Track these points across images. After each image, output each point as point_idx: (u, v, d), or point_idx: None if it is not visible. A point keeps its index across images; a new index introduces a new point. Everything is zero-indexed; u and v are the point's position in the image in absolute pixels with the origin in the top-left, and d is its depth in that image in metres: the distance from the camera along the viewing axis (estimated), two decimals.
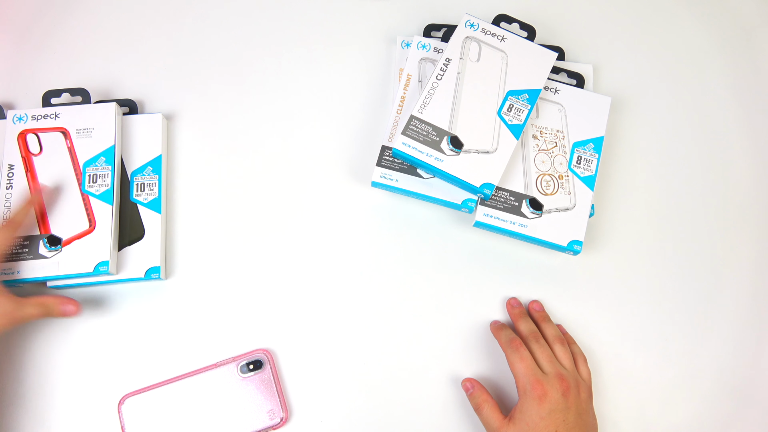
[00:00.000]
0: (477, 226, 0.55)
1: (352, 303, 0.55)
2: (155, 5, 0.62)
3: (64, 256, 0.51)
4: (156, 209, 0.54)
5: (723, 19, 0.66)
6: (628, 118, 0.62)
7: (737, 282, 0.58)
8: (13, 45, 0.61)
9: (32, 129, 0.54)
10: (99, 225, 0.52)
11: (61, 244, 0.51)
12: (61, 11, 0.62)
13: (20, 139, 0.53)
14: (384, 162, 0.55)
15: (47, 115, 0.54)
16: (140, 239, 0.53)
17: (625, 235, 0.59)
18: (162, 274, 0.53)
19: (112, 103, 0.55)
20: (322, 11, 0.63)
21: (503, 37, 0.56)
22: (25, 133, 0.54)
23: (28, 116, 0.54)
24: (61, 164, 0.53)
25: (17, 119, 0.54)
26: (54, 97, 0.56)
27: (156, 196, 0.55)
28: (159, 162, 0.56)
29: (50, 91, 0.56)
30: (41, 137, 0.54)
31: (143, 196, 0.55)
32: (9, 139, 0.53)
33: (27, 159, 0.53)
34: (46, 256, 0.51)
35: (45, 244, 0.51)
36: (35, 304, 0.48)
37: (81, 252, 0.51)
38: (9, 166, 0.53)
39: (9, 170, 0.52)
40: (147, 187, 0.55)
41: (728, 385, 0.56)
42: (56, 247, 0.51)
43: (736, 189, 0.61)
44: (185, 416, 0.50)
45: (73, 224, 0.52)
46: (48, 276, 0.50)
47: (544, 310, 0.55)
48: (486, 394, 0.51)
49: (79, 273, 0.50)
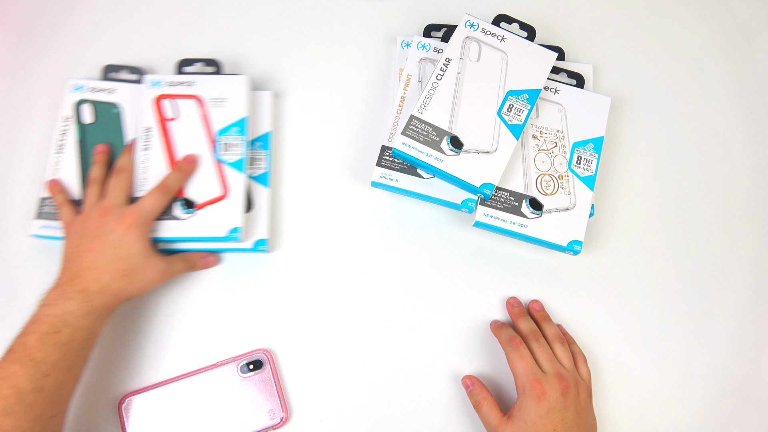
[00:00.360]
0: (477, 226, 0.55)
1: (352, 303, 0.55)
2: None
3: (198, 219, 0.52)
4: (264, 183, 0.55)
5: (723, 19, 0.66)
6: (628, 118, 0.62)
7: (737, 282, 0.58)
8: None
9: (168, 95, 0.55)
10: (232, 192, 0.52)
11: (195, 208, 0.52)
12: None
13: (156, 103, 0.54)
14: (384, 162, 0.55)
15: (182, 83, 0.55)
16: (248, 212, 0.55)
17: (625, 235, 0.59)
18: (269, 247, 0.55)
19: (245, 75, 0.56)
20: (322, 11, 0.63)
21: (503, 37, 0.56)
22: (161, 98, 0.55)
23: (164, 82, 0.55)
24: (195, 131, 0.54)
25: (153, 84, 0.55)
26: (187, 65, 0.58)
27: (264, 171, 0.56)
28: (267, 138, 0.57)
29: (185, 59, 0.58)
30: (177, 103, 0.54)
31: (252, 170, 0.56)
32: (145, 103, 0.54)
33: (162, 123, 0.54)
34: (181, 217, 0.51)
35: (182, 206, 0.52)
36: (181, 259, 0.52)
37: (214, 217, 0.52)
38: (146, 128, 0.54)
39: (146, 132, 0.53)
40: (256, 162, 0.56)
41: (728, 385, 0.56)
42: (191, 210, 0.52)
43: (736, 189, 0.61)
44: (185, 416, 0.50)
45: (207, 190, 0.52)
46: (182, 237, 0.51)
47: (544, 310, 0.55)
48: (486, 392, 0.51)
49: (212, 237, 0.51)
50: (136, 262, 0.48)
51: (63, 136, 0.55)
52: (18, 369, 0.42)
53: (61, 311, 0.45)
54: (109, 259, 0.47)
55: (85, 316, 0.45)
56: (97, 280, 0.46)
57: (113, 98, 0.57)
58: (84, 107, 0.56)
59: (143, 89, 0.55)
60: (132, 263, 0.48)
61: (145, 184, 0.52)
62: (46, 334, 0.43)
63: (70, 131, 0.55)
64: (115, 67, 0.58)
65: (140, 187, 0.52)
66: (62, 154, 0.55)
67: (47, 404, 0.42)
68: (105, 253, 0.47)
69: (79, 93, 0.57)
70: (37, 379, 0.42)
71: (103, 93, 0.57)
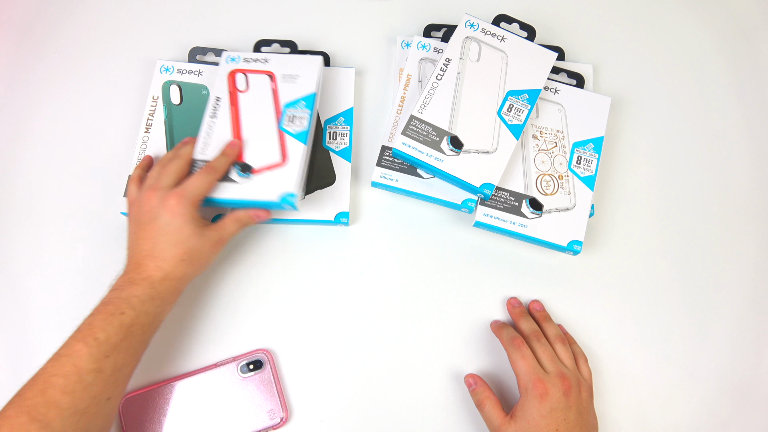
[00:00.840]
0: (477, 226, 0.55)
1: (352, 303, 0.55)
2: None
3: (253, 183, 0.52)
4: (347, 158, 0.57)
5: (723, 19, 0.66)
6: (628, 118, 0.62)
7: (737, 282, 0.58)
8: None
9: (242, 69, 0.56)
10: (290, 160, 0.52)
11: (250, 171, 0.52)
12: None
13: (230, 77, 0.56)
14: (384, 162, 0.55)
15: (258, 59, 0.57)
16: (331, 185, 0.56)
17: (625, 235, 0.59)
18: (349, 220, 0.56)
19: (318, 56, 0.57)
20: (322, 11, 0.63)
21: (503, 37, 0.56)
22: (235, 72, 0.56)
23: (241, 58, 0.57)
24: (263, 102, 0.55)
25: (230, 60, 0.57)
26: (265, 46, 0.60)
27: (347, 146, 0.57)
28: (350, 114, 0.58)
29: (262, 40, 0.61)
30: (249, 77, 0.56)
31: (335, 144, 0.57)
32: (220, 77, 0.56)
33: (233, 94, 0.55)
34: (236, 180, 0.51)
35: (237, 170, 0.52)
36: (231, 221, 0.51)
37: (269, 182, 0.52)
38: (216, 98, 0.55)
39: (216, 102, 0.55)
40: (339, 137, 0.57)
41: (728, 385, 0.56)
42: (246, 174, 0.52)
43: (736, 189, 0.61)
44: (185, 416, 0.50)
45: (266, 156, 0.52)
46: (234, 199, 0.51)
47: (544, 310, 0.55)
48: (488, 391, 0.51)
49: (265, 201, 0.51)
50: (191, 244, 0.48)
51: (151, 116, 0.57)
52: (81, 347, 0.42)
53: (128, 295, 0.45)
54: (164, 246, 0.47)
55: (151, 300, 0.46)
56: (159, 268, 0.47)
57: (201, 80, 0.59)
58: (173, 88, 0.58)
59: (221, 64, 0.57)
60: (187, 246, 0.48)
61: (206, 150, 0.53)
62: (112, 315, 0.44)
63: (158, 111, 0.58)
64: (201, 50, 0.60)
65: (201, 152, 0.52)
66: (150, 133, 0.57)
67: (104, 385, 0.43)
68: (159, 241, 0.47)
69: (167, 75, 0.59)
70: (98, 359, 0.42)
71: (190, 75, 0.59)
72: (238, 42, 0.62)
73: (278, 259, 0.56)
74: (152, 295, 0.46)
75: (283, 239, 0.57)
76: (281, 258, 0.56)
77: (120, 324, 0.44)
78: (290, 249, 0.57)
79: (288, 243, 0.57)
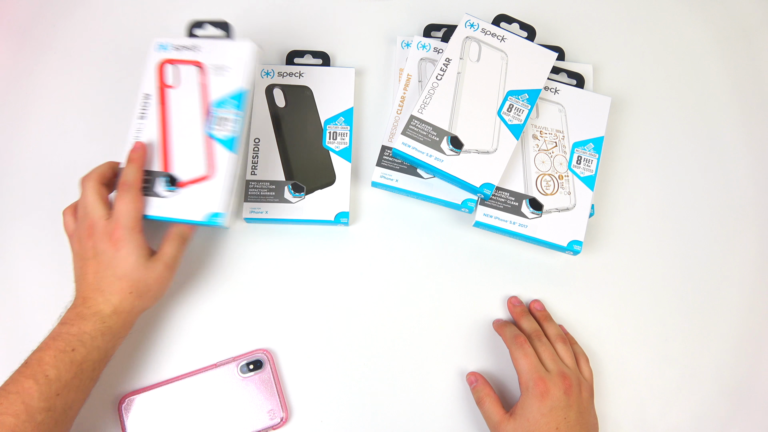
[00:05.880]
0: (477, 226, 0.55)
1: (352, 303, 0.55)
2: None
3: (180, 198, 0.48)
4: (347, 158, 0.56)
5: (723, 19, 0.66)
6: (628, 118, 0.62)
7: (737, 282, 0.58)
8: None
9: (172, 59, 0.50)
10: (218, 172, 0.48)
11: (176, 185, 0.48)
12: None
13: (159, 69, 0.50)
14: (384, 162, 0.55)
15: (188, 47, 0.50)
16: (331, 185, 0.55)
17: (625, 235, 0.59)
18: (349, 220, 0.55)
19: (250, 42, 0.50)
20: (322, 11, 0.63)
21: (503, 37, 0.56)
22: (164, 62, 0.50)
23: (171, 45, 0.51)
24: (191, 100, 0.49)
25: (160, 47, 0.51)
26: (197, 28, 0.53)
27: (347, 146, 0.56)
28: (350, 114, 0.57)
29: (196, 21, 0.53)
30: (179, 69, 0.50)
31: (335, 144, 0.56)
32: (149, 68, 0.50)
33: (162, 91, 0.50)
34: (163, 195, 0.48)
35: (165, 183, 0.48)
36: (168, 243, 0.48)
37: (195, 198, 0.47)
38: (145, 95, 0.50)
39: (144, 99, 0.50)
40: (339, 137, 0.57)
41: (728, 385, 0.56)
42: (173, 188, 0.48)
43: (736, 189, 0.61)
44: (185, 416, 0.50)
45: (193, 167, 0.48)
46: (163, 216, 0.48)
47: (545, 309, 0.55)
48: (489, 389, 0.51)
49: (189, 220, 0.48)
50: (136, 277, 0.46)
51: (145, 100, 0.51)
52: (32, 385, 0.41)
53: (78, 331, 0.44)
54: (110, 280, 0.46)
55: (102, 336, 0.45)
56: (107, 302, 0.46)
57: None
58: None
59: (150, 53, 0.51)
60: (132, 279, 0.46)
61: None
62: (62, 352, 0.43)
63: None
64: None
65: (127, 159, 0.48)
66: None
67: (55, 424, 0.42)
68: (105, 274, 0.46)
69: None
70: (48, 397, 0.41)
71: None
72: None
73: (278, 259, 0.56)
74: (103, 330, 0.45)
75: (282, 239, 0.57)
76: (281, 258, 0.56)
77: (71, 361, 0.43)
78: (290, 249, 0.57)
79: (288, 243, 0.57)
